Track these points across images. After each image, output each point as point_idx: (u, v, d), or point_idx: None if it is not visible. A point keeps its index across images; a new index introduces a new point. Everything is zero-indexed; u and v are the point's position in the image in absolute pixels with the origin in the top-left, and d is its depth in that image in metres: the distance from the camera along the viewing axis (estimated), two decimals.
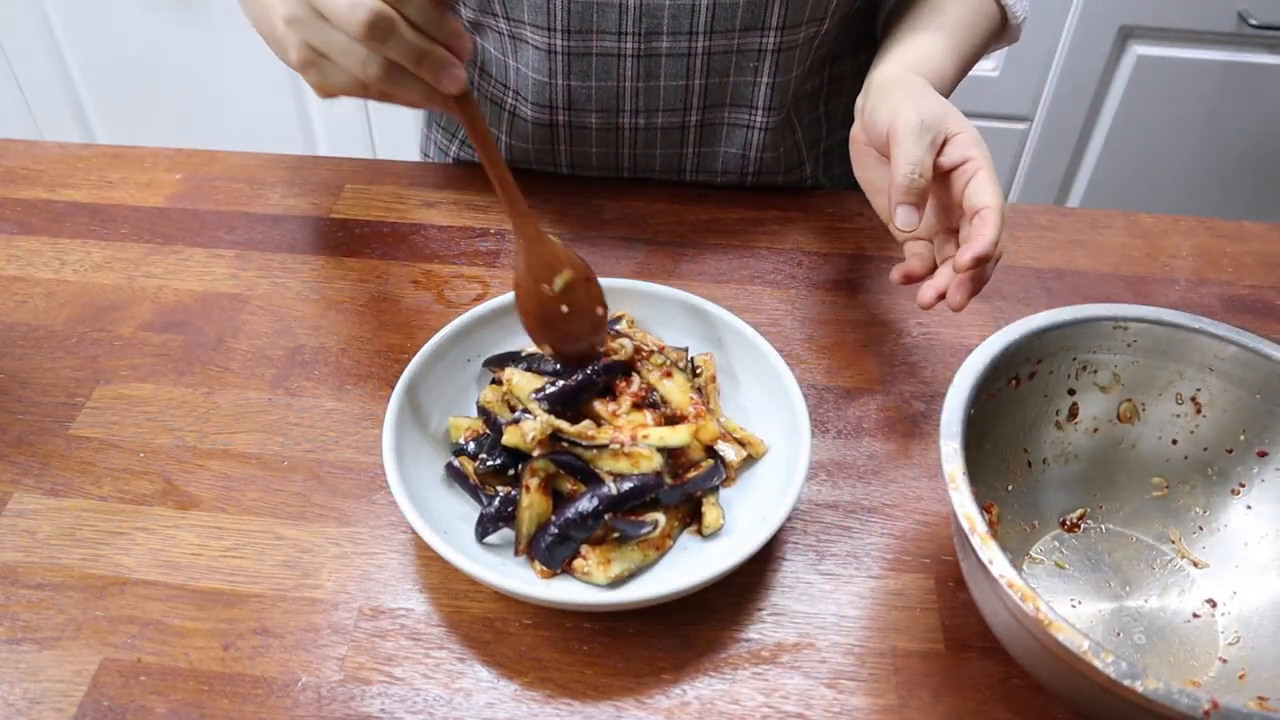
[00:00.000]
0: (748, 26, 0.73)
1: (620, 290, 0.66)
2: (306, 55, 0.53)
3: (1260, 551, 0.54)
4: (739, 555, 0.51)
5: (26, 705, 0.50)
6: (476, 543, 0.56)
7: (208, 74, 1.68)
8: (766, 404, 0.62)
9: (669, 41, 0.74)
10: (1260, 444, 0.55)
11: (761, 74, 0.76)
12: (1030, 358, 0.55)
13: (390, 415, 0.57)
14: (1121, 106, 1.50)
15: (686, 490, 0.57)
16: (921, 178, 0.59)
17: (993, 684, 0.52)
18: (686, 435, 0.57)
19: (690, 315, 0.66)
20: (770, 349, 0.62)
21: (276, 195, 0.84)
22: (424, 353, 0.61)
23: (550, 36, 0.74)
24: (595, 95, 0.77)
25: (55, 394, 0.66)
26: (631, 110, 0.78)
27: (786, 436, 0.59)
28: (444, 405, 0.62)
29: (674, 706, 0.51)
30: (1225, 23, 1.41)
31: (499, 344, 0.65)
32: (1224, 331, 0.55)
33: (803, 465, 0.55)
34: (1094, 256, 0.80)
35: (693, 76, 0.76)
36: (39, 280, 0.75)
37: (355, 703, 0.51)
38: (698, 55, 0.75)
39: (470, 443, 0.60)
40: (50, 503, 0.60)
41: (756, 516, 0.56)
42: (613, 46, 0.74)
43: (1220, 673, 0.51)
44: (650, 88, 0.77)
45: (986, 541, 0.45)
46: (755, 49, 0.75)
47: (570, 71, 0.76)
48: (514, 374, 0.61)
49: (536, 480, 0.55)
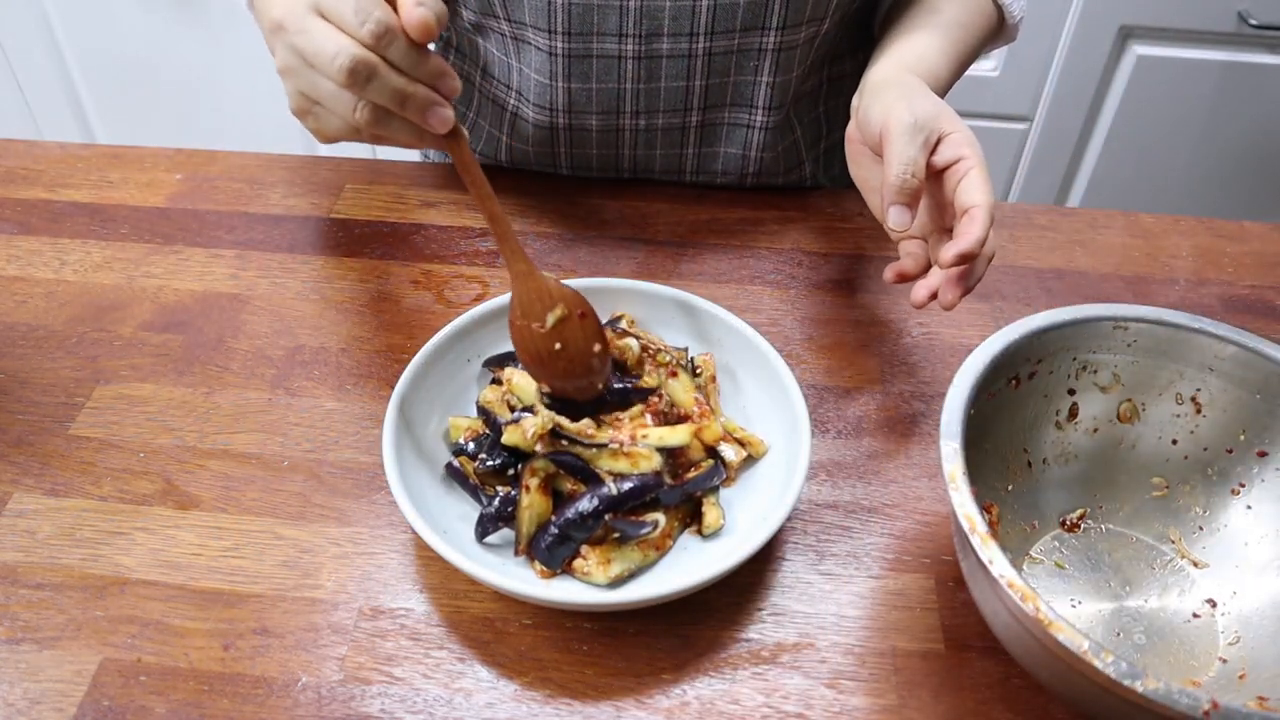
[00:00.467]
0: (748, 27, 0.73)
1: (618, 290, 0.66)
2: (301, 103, 0.54)
3: (1260, 551, 0.55)
4: (739, 555, 0.51)
5: (26, 705, 0.50)
6: (476, 543, 0.56)
7: (208, 74, 1.68)
8: (766, 404, 0.62)
9: (670, 43, 0.74)
10: (1260, 444, 0.55)
11: (762, 74, 0.76)
12: (1030, 358, 0.55)
13: (390, 416, 0.57)
14: (1121, 106, 1.50)
15: (687, 490, 0.57)
16: (914, 177, 0.59)
17: (993, 684, 0.52)
18: (686, 435, 0.57)
19: (688, 315, 0.66)
20: (770, 348, 0.62)
21: (276, 195, 0.84)
22: (424, 353, 0.61)
23: (551, 39, 0.74)
24: (596, 97, 0.77)
25: (55, 394, 0.66)
26: (632, 112, 0.78)
27: (786, 436, 0.59)
28: (444, 405, 0.62)
29: (674, 706, 0.51)
30: (1225, 23, 1.41)
31: (498, 344, 0.65)
32: (1224, 331, 0.55)
33: (803, 465, 0.55)
34: (1094, 256, 0.80)
35: (693, 77, 0.76)
36: (39, 280, 0.75)
37: (355, 703, 0.51)
38: (698, 56, 0.75)
39: (470, 443, 0.60)
40: (50, 503, 0.60)
41: (756, 516, 0.56)
42: (613, 48, 0.74)
43: (1220, 673, 0.51)
44: (651, 89, 0.77)
45: (986, 541, 0.45)
46: (756, 49, 0.75)
47: (571, 74, 0.76)
48: (514, 374, 0.61)
49: (536, 480, 0.55)
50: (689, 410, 0.60)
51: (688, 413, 0.60)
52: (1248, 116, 1.50)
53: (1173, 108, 1.50)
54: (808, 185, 0.89)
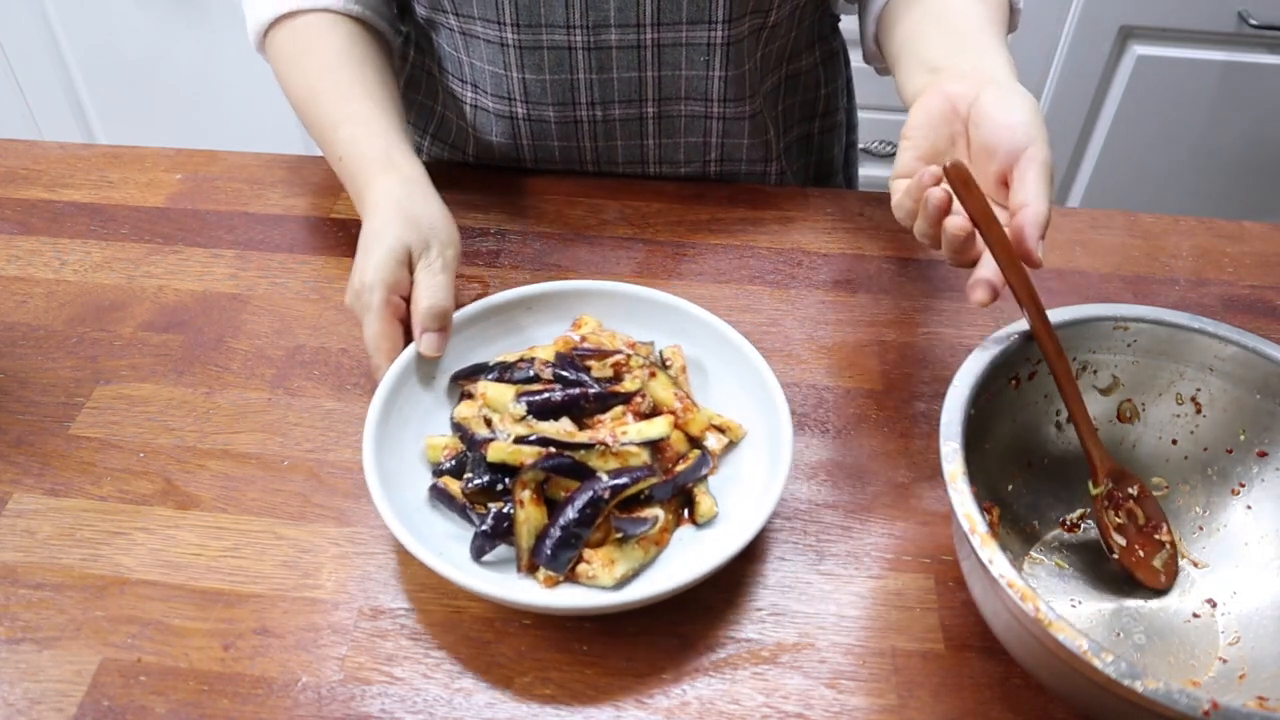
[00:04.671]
0: (694, 20, 0.75)
1: (576, 293, 0.67)
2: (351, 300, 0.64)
3: (1260, 551, 0.54)
4: (750, 531, 0.52)
5: (26, 705, 0.50)
6: (474, 561, 0.55)
7: (208, 74, 1.68)
8: (735, 386, 0.63)
9: (617, 34, 0.75)
10: (1260, 444, 0.55)
11: (714, 68, 0.77)
12: (1030, 358, 0.55)
13: (368, 449, 0.55)
14: (1121, 106, 1.50)
15: (678, 483, 0.57)
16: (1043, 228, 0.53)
17: (993, 684, 0.52)
18: (665, 426, 0.58)
19: (649, 310, 0.66)
20: (729, 328, 0.63)
21: (276, 195, 0.84)
22: (390, 377, 0.60)
23: (501, 30, 0.75)
24: (551, 88, 0.78)
25: (55, 394, 0.66)
26: (588, 103, 0.79)
27: (764, 415, 0.60)
28: (417, 426, 0.61)
29: (674, 706, 0.51)
30: (1225, 23, 1.41)
31: (462, 358, 0.64)
32: (1224, 331, 0.55)
33: (787, 434, 0.56)
34: (1094, 256, 0.80)
35: (645, 68, 0.77)
36: (39, 280, 0.75)
37: (355, 703, 0.51)
38: (647, 47, 0.76)
39: (450, 461, 0.59)
40: (50, 503, 0.60)
41: (749, 498, 0.57)
42: (563, 39, 0.75)
43: (1220, 673, 0.51)
44: (604, 80, 0.78)
45: (986, 541, 0.45)
46: (704, 43, 0.76)
47: (524, 64, 0.77)
48: (487, 386, 0.60)
49: (529, 492, 0.55)
50: (671, 407, 0.60)
51: (671, 409, 0.60)
52: (1248, 116, 1.50)
53: (1173, 108, 1.50)
54: (773, 180, 0.90)
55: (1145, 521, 0.55)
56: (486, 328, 0.66)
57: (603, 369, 0.61)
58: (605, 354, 0.61)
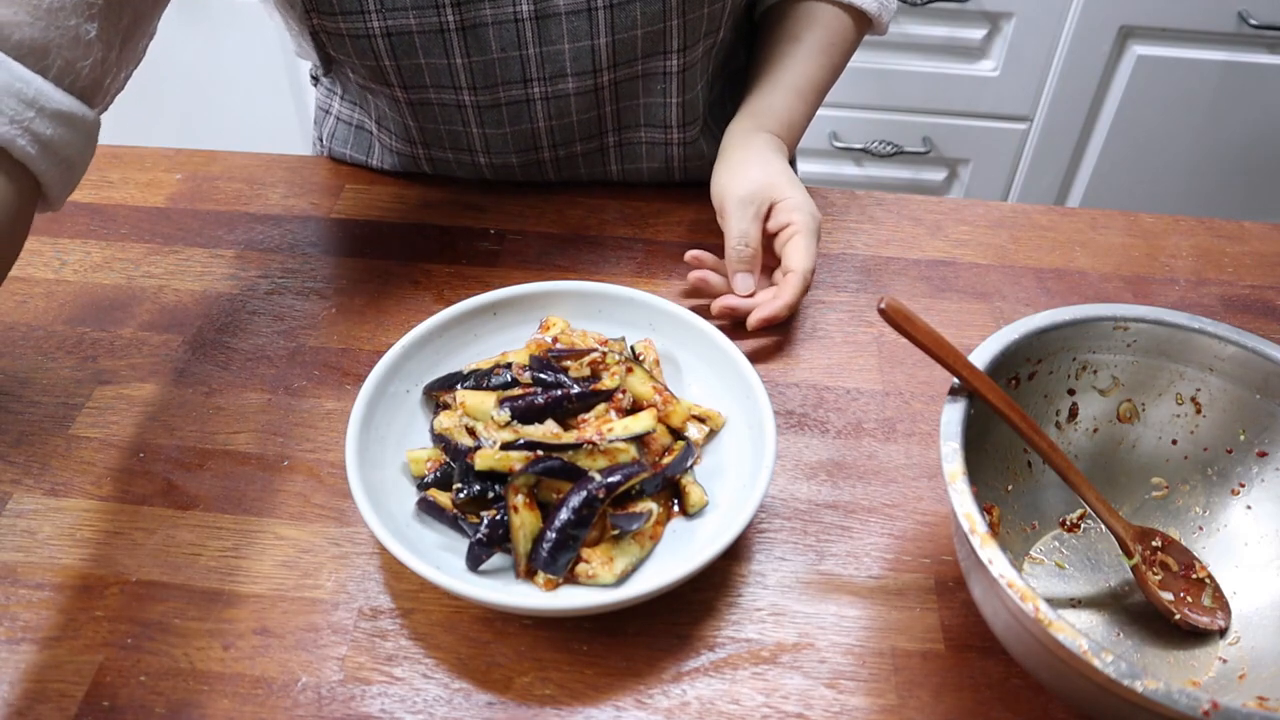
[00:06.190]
0: (649, 54, 0.74)
1: (541, 295, 0.67)
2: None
3: (1260, 551, 0.55)
4: (750, 508, 0.53)
5: (26, 705, 0.50)
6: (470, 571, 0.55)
7: (208, 74, 1.68)
8: (709, 375, 0.64)
9: (575, 82, 0.74)
10: (1260, 444, 0.55)
11: (670, 94, 0.77)
12: (1030, 358, 0.55)
13: (352, 469, 0.55)
14: (1121, 106, 1.50)
15: (666, 475, 0.57)
16: (747, 247, 0.70)
17: (993, 684, 0.52)
18: (650, 420, 0.58)
19: (616, 306, 0.67)
20: (696, 318, 0.64)
21: (276, 195, 0.84)
22: (363, 395, 0.59)
23: (458, 94, 0.74)
24: (512, 139, 0.78)
25: (55, 394, 0.66)
26: (550, 145, 0.79)
27: (740, 402, 0.60)
28: (394, 442, 0.60)
29: (674, 706, 0.51)
30: (1225, 23, 1.41)
31: (431, 370, 0.64)
32: (1224, 331, 0.55)
33: (768, 415, 0.57)
34: (1094, 256, 0.80)
35: (603, 105, 0.77)
36: (39, 280, 0.75)
37: (355, 703, 0.51)
38: (605, 88, 0.75)
39: (434, 473, 0.58)
40: (50, 503, 0.60)
41: (736, 484, 0.57)
42: (520, 94, 0.74)
43: (1220, 673, 0.51)
44: (564, 124, 0.78)
45: (986, 541, 0.45)
46: (660, 72, 0.76)
47: (483, 121, 0.76)
48: (465, 395, 0.59)
49: (522, 497, 0.54)
50: (651, 400, 0.60)
51: (651, 403, 0.60)
52: (1248, 116, 1.50)
53: (1173, 108, 1.50)
54: None
55: (1179, 569, 0.55)
56: (451, 338, 0.65)
57: (580, 368, 0.61)
58: (581, 353, 0.61)
